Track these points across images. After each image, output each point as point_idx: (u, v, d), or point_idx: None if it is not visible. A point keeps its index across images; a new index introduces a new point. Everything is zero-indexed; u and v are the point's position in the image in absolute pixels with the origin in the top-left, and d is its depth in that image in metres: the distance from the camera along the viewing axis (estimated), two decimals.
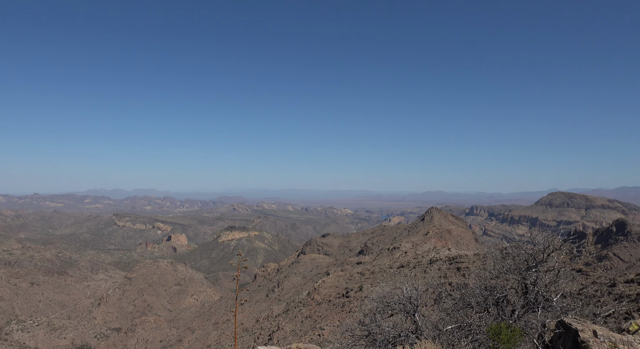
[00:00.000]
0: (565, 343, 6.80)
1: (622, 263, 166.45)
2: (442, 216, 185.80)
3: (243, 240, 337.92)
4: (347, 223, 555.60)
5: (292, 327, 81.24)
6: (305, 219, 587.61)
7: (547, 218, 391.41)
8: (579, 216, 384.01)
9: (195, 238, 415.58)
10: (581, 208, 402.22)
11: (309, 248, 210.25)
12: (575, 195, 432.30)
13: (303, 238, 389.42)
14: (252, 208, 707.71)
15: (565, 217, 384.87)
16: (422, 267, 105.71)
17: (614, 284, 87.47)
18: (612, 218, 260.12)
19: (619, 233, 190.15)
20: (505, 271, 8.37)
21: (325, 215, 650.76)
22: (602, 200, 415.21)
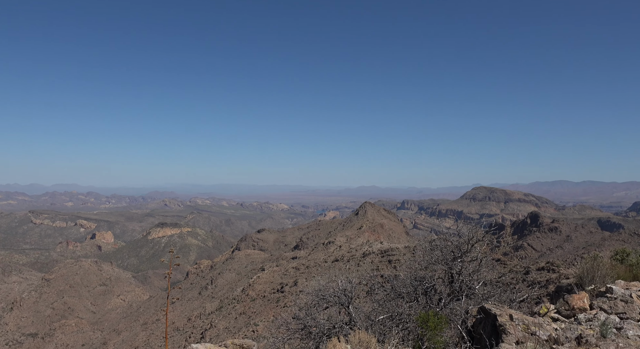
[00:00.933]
0: (485, 327, 7.26)
1: (535, 252, 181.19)
2: (375, 210, 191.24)
3: (175, 237, 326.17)
4: (283, 218, 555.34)
5: (225, 324, 79.97)
6: (241, 214, 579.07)
7: (471, 211, 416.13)
8: (499, 210, 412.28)
9: (122, 236, 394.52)
10: (501, 202, 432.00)
11: (244, 244, 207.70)
12: (496, 190, 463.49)
13: (238, 234, 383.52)
14: (185, 204, 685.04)
15: (487, 210, 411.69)
16: (356, 260, 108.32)
17: (528, 272, 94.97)
18: (527, 210, 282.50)
19: (532, 224, 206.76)
20: (433, 262, 8.86)
21: (261, 211, 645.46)
22: (518, 194, 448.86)
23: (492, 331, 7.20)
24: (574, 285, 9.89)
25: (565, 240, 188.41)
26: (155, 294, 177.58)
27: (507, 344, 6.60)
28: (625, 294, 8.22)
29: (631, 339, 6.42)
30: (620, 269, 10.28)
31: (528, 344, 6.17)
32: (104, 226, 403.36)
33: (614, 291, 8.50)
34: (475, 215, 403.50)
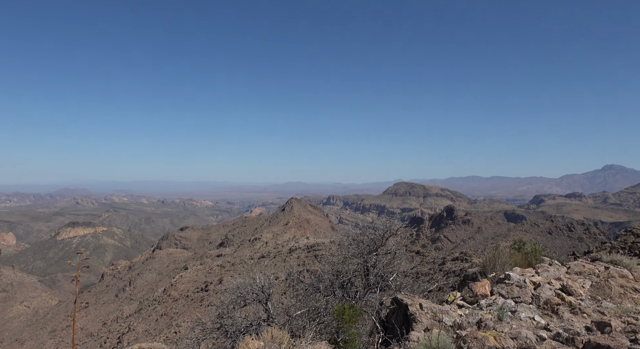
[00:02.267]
0: (398, 317, 7.60)
1: (451, 243, 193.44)
2: (302, 206, 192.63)
3: (88, 237, 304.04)
4: (207, 215, 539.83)
5: (145, 327, 76.29)
6: (162, 212, 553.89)
7: (393, 205, 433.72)
8: (418, 204, 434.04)
9: (27, 237, 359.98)
10: (420, 197, 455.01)
11: (166, 242, 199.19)
12: (416, 185, 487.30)
13: (159, 232, 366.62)
14: (100, 202, 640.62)
15: (408, 205, 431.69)
16: (283, 256, 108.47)
17: (444, 262, 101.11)
18: (444, 204, 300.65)
19: (448, 217, 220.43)
20: (350, 256, 9.11)
21: (184, 208, 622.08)
22: (436, 189, 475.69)
23: (404, 321, 7.55)
24: (478, 273, 10.68)
25: (477, 231, 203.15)
26: (66, 298, 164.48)
27: (416, 331, 6.94)
28: (520, 280, 9.02)
29: (523, 321, 7.06)
30: (518, 257, 11.26)
31: (434, 331, 6.54)
32: (4, 227, 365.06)
33: (511, 278, 9.29)
34: (397, 209, 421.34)
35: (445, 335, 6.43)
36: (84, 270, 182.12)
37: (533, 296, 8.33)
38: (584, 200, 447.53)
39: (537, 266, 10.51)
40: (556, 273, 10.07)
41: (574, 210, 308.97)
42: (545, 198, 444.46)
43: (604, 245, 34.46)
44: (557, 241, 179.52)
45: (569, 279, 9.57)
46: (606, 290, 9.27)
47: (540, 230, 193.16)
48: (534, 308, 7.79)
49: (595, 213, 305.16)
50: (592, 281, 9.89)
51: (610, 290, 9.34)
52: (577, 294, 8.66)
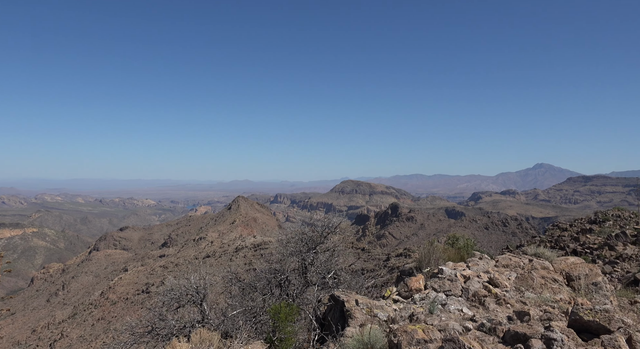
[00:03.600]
0: (334, 313, 7.69)
1: (395, 239, 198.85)
2: (249, 204, 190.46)
3: (16, 239, 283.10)
4: (149, 214, 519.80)
5: (80, 333, 72.29)
6: (100, 212, 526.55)
7: (339, 203, 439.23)
8: (364, 201, 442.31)
9: None
10: (366, 194, 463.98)
11: (104, 243, 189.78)
12: (362, 183, 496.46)
13: (97, 233, 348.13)
14: (30, 201, 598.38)
15: (354, 202, 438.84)
16: (229, 255, 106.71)
17: (388, 258, 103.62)
18: (389, 202, 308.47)
19: (393, 214, 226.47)
20: (289, 255, 9.11)
21: (124, 207, 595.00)
22: (381, 187, 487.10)
23: (340, 317, 7.66)
24: (414, 269, 11.04)
25: (420, 227, 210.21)
26: None
27: (352, 327, 7.05)
28: (452, 274, 9.42)
29: (452, 313, 7.38)
30: (451, 252, 11.77)
31: (368, 326, 6.67)
32: None
33: (444, 272, 9.67)
34: (344, 207, 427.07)
35: (379, 330, 6.58)
36: (10, 275, 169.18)
37: (463, 289, 8.73)
38: (517, 196, 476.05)
39: (469, 261, 11.03)
40: (485, 267, 10.61)
41: (508, 206, 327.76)
42: (483, 195, 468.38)
43: (534, 239, 36.82)
44: (493, 235, 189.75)
45: (496, 272, 10.12)
46: (529, 281, 9.89)
47: (478, 225, 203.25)
48: (463, 301, 8.17)
49: (527, 209, 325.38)
50: (518, 273, 10.52)
51: (532, 281, 9.98)
52: (502, 286, 9.17)
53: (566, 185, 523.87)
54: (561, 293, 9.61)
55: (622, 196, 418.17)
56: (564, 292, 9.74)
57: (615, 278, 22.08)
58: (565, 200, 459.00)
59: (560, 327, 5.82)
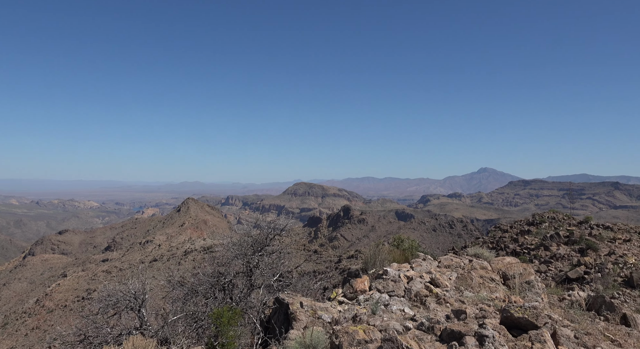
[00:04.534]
0: (279, 316, 7.64)
1: (347, 241, 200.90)
2: (199, 206, 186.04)
3: None
4: (91, 217, 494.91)
5: (11, 344, 67.51)
6: (37, 214, 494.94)
7: (292, 205, 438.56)
8: (317, 204, 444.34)
9: None
10: (319, 196, 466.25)
11: (41, 247, 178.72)
12: (315, 185, 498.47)
13: (33, 237, 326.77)
14: None
15: (307, 204, 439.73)
16: (177, 259, 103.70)
17: (340, 260, 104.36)
18: (341, 204, 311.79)
19: (345, 217, 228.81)
20: (233, 257, 8.96)
21: (63, 209, 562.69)
22: (334, 189, 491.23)
23: (285, 320, 7.62)
24: (360, 270, 11.19)
25: (371, 229, 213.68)
26: None
27: (295, 330, 7.04)
28: (396, 275, 9.63)
29: (394, 313, 7.54)
30: (396, 253, 12.04)
31: (312, 328, 6.68)
32: None
33: (388, 273, 9.87)
34: (296, 209, 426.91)
35: (322, 331, 6.61)
36: None
37: (406, 290, 8.94)
38: (463, 199, 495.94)
39: (413, 262, 11.34)
40: (428, 267, 10.94)
41: (454, 209, 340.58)
42: (431, 198, 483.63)
43: (478, 240, 38.39)
44: (441, 237, 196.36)
45: (438, 272, 10.46)
46: (468, 281, 10.31)
47: (426, 227, 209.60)
48: (406, 301, 8.37)
49: (472, 211, 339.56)
50: (458, 273, 10.93)
51: (471, 280, 10.41)
52: (443, 285, 9.48)
53: (508, 188, 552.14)
54: (497, 291, 10.08)
55: (557, 199, 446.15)
56: (500, 291, 10.23)
57: (550, 276, 23.48)
58: (507, 203, 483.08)
59: (493, 324, 6.10)
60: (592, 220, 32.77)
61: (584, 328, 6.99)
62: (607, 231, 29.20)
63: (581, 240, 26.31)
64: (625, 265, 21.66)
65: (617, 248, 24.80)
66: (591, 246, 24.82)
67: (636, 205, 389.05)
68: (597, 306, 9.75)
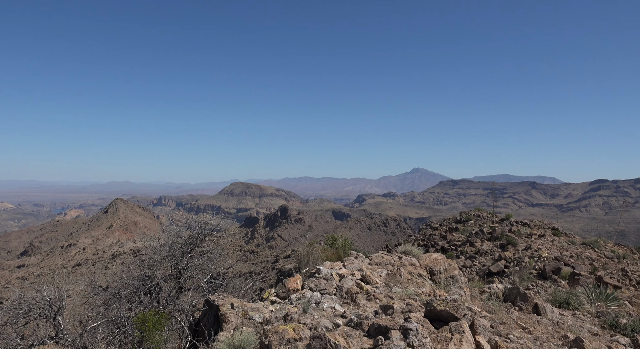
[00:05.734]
0: (209, 318, 7.47)
1: (284, 241, 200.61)
2: (129, 207, 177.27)
3: None
4: (5, 219, 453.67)
5: None
6: None
7: (228, 206, 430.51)
8: (254, 204, 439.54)
9: None
10: (256, 196, 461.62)
11: None
12: (252, 185, 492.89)
13: None
14: None
15: (244, 205, 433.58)
16: (104, 263, 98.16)
17: (277, 260, 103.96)
18: (278, 204, 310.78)
19: (282, 217, 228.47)
20: (161, 260, 8.61)
21: None
22: (271, 189, 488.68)
23: (215, 322, 7.46)
24: (293, 269, 11.21)
25: (308, 229, 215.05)
26: None
27: (225, 332, 6.91)
28: (328, 274, 9.75)
29: (325, 311, 7.63)
30: (330, 252, 12.21)
31: (243, 329, 6.60)
32: None
33: (321, 272, 9.97)
34: (233, 209, 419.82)
35: (252, 332, 6.55)
36: None
37: (337, 287, 9.08)
38: (397, 198, 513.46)
39: (345, 260, 11.54)
40: (360, 265, 11.19)
41: (389, 208, 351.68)
42: (367, 198, 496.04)
43: (410, 238, 39.86)
44: (375, 235, 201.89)
45: (369, 269, 10.73)
46: (397, 277, 10.68)
47: (362, 226, 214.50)
48: (337, 298, 8.50)
49: (405, 210, 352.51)
50: (388, 270, 11.28)
51: (400, 276, 10.79)
52: (374, 282, 9.74)
53: (438, 188, 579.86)
54: (424, 286, 10.53)
55: (482, 198, 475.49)
56: (427, 286, 10.69)
57: (474, 270, 24.91)
58: (437, 202, 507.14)
59: (417, 318, 6.36)
60: (512, 218, 35.26)
61: (499, 317, 7.50)
62: (525, 227, 31.56)
63: (502, 236, 28.18)
64: (540, 258, 23.50)
65: (533, 243, 26.85)
66: (511, 241, 26.66)
67: (550, 203, 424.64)
68: (513, 297, 10.49)
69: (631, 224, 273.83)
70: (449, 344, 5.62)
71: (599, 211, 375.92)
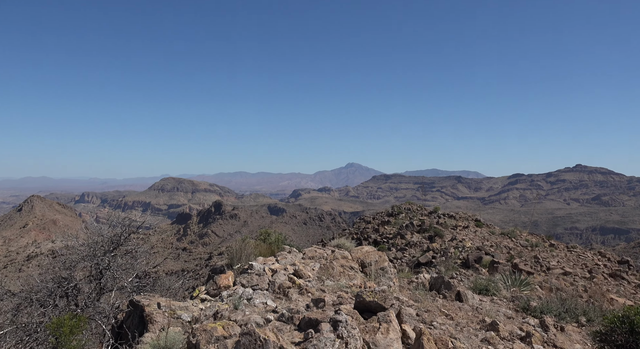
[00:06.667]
0: (133, 320, 7.13)
1: (218, 238, 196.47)
2: (46, 205, 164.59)
3: None
4: None
5: None
6: None
7: (159, 202, 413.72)
8: (186, 200, 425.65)
9: None
10: (189, 192, 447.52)
11: None
12: (184, 180, 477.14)
13: None
14: None
15: (176, 201, 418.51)
16: (17, 265, 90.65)
17: (210, 257, 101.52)
18: (212, 200, 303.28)
19: (216, 212, 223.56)
20: (80, 260, 8.05)
21: None
22: (205, 185, 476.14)
23: (140, 323, 7.12)
24: (225, 266, 10.99)
25: (243, 225, 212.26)
26: None
27: (151, 333, 6.62)
28: (261, 269, 9.66)
29: (256, 307, 7.55)
30: (263, 247, 12.11)
31: (170, 329, 6.36)
32: None
33: (253, 267, 9.85)
34: (164, 205, 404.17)
35: (179, 332, 6.34)
36: None
37: (270, 283, 9.03)
38: (332, 193, 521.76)
39: (278, 255, 11.51)
40: (293, 259, 11.20)
41: (324, 203, 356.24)
42: (303, 192, 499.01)
43: (344, 232, 40.61)
44: (311, 230, 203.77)
45: (302, 264, 10.78)
46: (330, 270, 10.83)
47: (297, 221, 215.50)
48: (269, 294, 8.44)
49: (340, 204, 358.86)
50: (321, 263, 11.40)
51: (333, 270, 10.95)
52: (306, 276, 9.80)
53: (371, 182, 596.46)
54: (356, 279, 10.77)
55: (413, 191, 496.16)
56: (358, 278, 10.95)
57: (404, 262, 25.89)
58: (371, 196, 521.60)
59: (347, 309, 6.49)
60: (439, 210, 37.14)
61: (425, 306, 7.85)
62: (451, 219, 33.37)
63: (430, 228, 29.57)
64: (464, 248, 24.96)
65: (458, 234, 28.45)
66: (438, 233, 28.06)
67: (474, 196, 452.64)
68: (438, 286, 11.03)
69: (543, 215, 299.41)
70: (377, 333, 5.78)
71: (516, 203, 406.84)
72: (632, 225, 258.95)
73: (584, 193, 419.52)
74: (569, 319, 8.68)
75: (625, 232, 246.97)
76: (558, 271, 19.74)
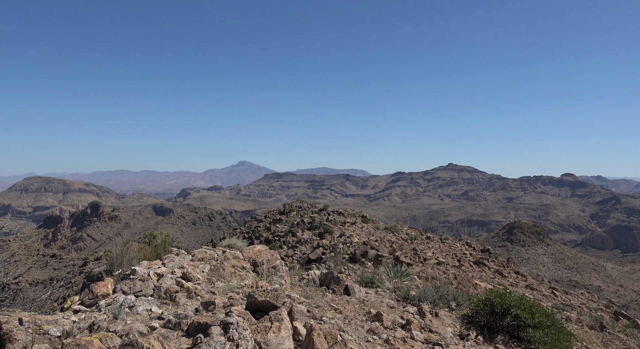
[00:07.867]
0: None
1: (95, 242, 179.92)
2: None
3: None
4: None
5: None
6: None
7: (22, 204, 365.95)
8: (56, 201, 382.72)
9: None
10: (59, 193, 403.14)
11: None
12: (54, 180, 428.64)
13: None
14: None
15: (43, 202, 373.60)
16: None
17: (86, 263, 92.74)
18: (89, 200, 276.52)
19: (93, 214, 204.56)
20: None
21: None
22: (79, 184, 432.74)
23: None
24: (103, 273, 10.08)
25: (124, 227, 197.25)
26: None
27: None
28: (145, 274, 9.03)
29: (140, 315, 7.03)
30: (147, 251, 11.34)
31: (35, 346, 5.63)
32: None
33: (136, 273, 9.17)
34: (28, 208, 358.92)
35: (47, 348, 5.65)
36: None
37: (155, 288, 8.48)
38: (223, 192, 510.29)
39: (165, 258, 10.86)
40: (181, 262, 10.67)
41: (214, 202, 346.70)
42: (191, 192, 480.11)
43: (235, 231, 39.87)
44: (200, 230, 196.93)
45: (191, 266, 10.32)
46: (221, 271, 10.53)
47: (186, 221, 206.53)
48: (154, 300, 7.92)
49: (231, 203, 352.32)
50: (212, 265, 11.03)
51: (224, 271, 10.67)
52: (195, 279, 9.41)
53: (263, 181, 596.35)
54: (247, 279, 10.63)
55: (304, 189, 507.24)
56: (250, 278, 10.82)
57: (296, 259, 26.26)
58: (263, 194, 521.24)
59: (239, 310, 6.36)
60: (329, 208, 38.38)
61: (315, 302, 8.04)
62: (340, 216, 34.71)
63: (320, 225, 30.41)
64: (352, 244, 26.12)
65: (346, 230, 29.70)
66: (327, 230, 28.98)
67: (361, 193, 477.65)
68: (328, 281, 11.38)
69: (421, 210, 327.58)
70: (269, 332, 5.76)
71: (398, 199, 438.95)
72: (492, 218, 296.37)
73: (455, 189, 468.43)
74: (442, 305, 9.59)
75: (487, 224, 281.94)
76: (433, 261, 21.69)
